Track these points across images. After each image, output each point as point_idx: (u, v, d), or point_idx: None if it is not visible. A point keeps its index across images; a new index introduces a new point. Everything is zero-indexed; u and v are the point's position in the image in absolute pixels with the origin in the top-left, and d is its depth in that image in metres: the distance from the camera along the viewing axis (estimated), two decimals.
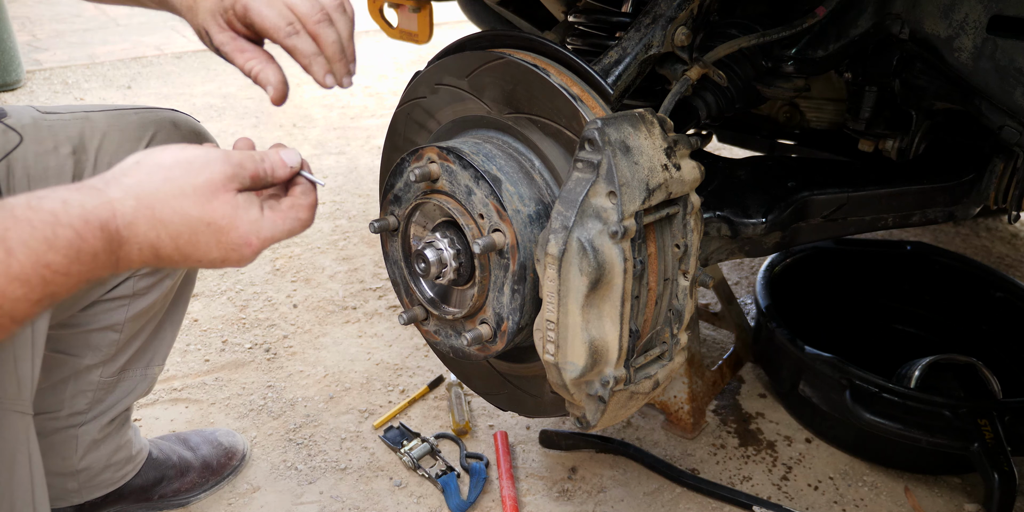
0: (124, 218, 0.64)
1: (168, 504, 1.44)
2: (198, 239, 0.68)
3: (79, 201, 0.62)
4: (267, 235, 0.72)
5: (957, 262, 1.90)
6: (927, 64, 1.19)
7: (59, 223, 0.59)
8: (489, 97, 0.98)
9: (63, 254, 0.58)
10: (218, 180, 0.69)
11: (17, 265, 0.55)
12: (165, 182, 0.67)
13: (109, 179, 0.67)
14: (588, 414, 0.91)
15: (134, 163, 0.69)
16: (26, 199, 0.59)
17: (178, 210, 0.67)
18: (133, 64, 4.33)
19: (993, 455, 1.34)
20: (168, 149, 0.71)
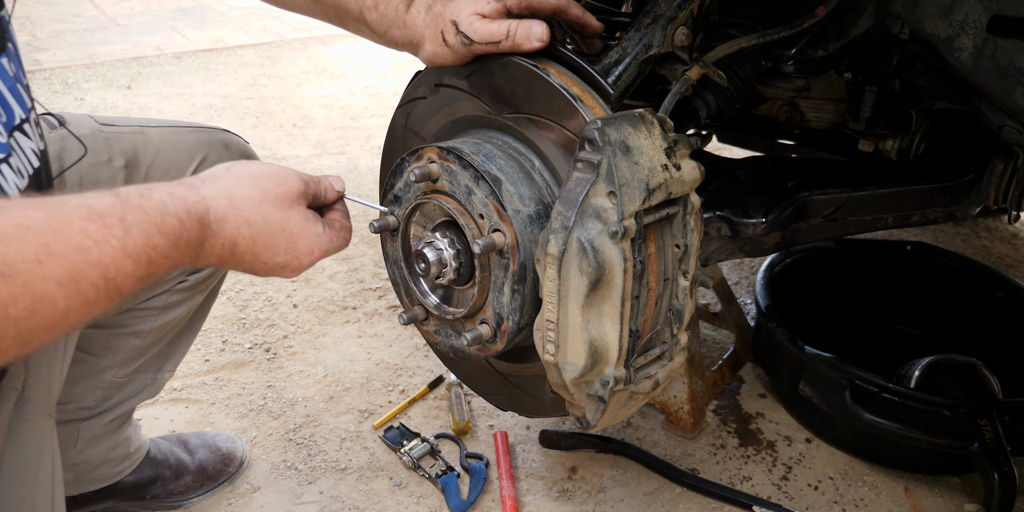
0: (216, 214, 0.72)
1: (160, 505, 1.44)
2: (272, 242, 0.77)
3: (181, 194, 0.70)
4: (324, 249, 0.82)
5: (957, 262, 1.90)
6: (927, 64, 1.19)
7: (167, 212, 0.66)
8: (489, 97, 0.98)
9: (167, 239, 0.66)
10: (295, 193, 0.79)
11: (132, 244, 0.62)
12: (253, 188, 0.76)
13: (204, 179, 0.75)
14: (588, 414, 0.91)
15: (224, 169, 0.78)
16: (137, 189, 0.66)
17: (262, 213, 0.75)
18: (133, 64, 4.33)
19: (993, 455, 1.34)
20: (253, 162, 0.81)
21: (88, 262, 0.59)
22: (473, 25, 0.90)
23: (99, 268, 0.60)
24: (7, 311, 0.54)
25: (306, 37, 4.95)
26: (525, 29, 0.90)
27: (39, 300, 0.55)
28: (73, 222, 0.59)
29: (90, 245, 0.59)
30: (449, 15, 0.91)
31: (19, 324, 0.55)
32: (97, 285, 0.60)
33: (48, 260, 0.56)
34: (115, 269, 0.61)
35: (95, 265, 0.59)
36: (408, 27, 0.95)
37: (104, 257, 0.60)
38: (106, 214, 0.61)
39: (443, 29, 0.92)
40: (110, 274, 0.60)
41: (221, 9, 5.67)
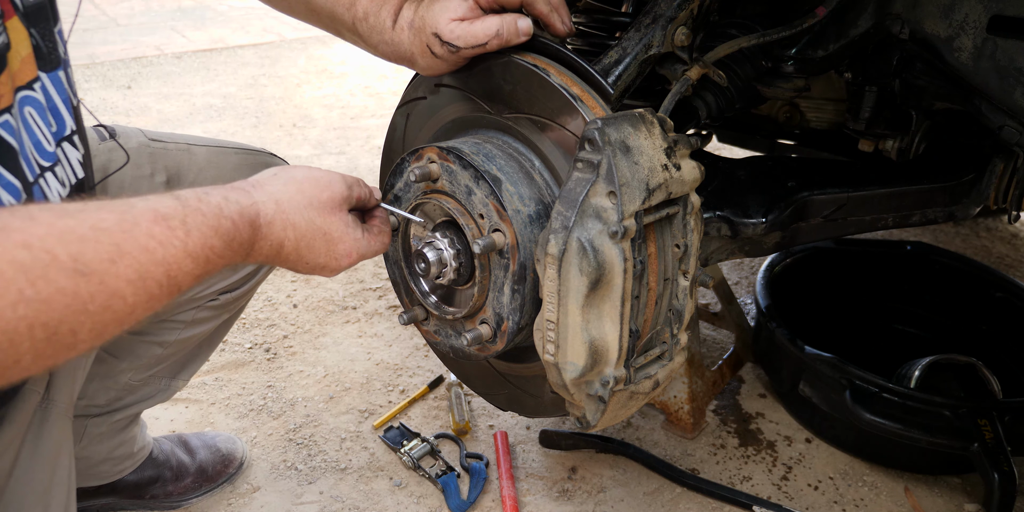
0: (266, 217, 0.78)
1: (159, 505, 1.45)
2: (314, 245, 0.82)
3: (236, 199, 0.75)
4: (362, 252, 0.87)
5: (957, 262, 1.90)
6: (927, 64, 1.19)
7: (222, 215, 0.71)
8: (489, 97, 0.98)
9: (223, 240, 0.71)
10: (338, 198, 0.84)
11: (192, 244, 0.67)
12: (298, 193, 0.81)
13: (255, 184, 0.80)
14: (588, 414, 0.91)
15: (272, 175, 0.83)
16: (195, 193, 0.71)
17: (306, 217, 0.80)
18: (133, 64, 4.33)
19: (993, 455, 1.34)
20: (299, 167, 0.85)
21: (154, 261, 0.63)
22: (455, 32, 0.90)
23: (163, 267, 0.64)
24: (86, 307, 0.58)
25: (306, 37, 4.95)
26: (512, 27, 0.90)
27: (112, 296, 0.60)
28: (141, 224, 0.64)
29: (155, 246, 0.64)
30: (429, 28, 0.91)
31: (95, 318, 0.59)
32: (161, 282, 0.64)
33: (120, 260, 0.61)
34: (177, 268, 0.66)
35: (160, 264, 0.64)
36: (395, 44, 0.95)
37: (168, 257, 0.65)
38: (170, 217, 0.66)
39: (428, 43, 0.92)
40: (172, 272, 0.65)
41: (221, 9, 5.67)
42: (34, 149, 0.82)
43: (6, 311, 0.54)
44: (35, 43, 0.83)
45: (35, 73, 0.83)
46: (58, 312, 0.57)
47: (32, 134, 0.82)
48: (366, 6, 0.96)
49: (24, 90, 0.81)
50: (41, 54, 0.85)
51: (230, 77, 4.17)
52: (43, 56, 0.85)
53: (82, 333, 0.59)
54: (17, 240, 0.55)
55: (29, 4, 0.82)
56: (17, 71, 0.79)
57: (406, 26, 0.94)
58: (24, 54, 0.80)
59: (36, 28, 0.84)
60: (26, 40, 0.81)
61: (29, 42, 0.82)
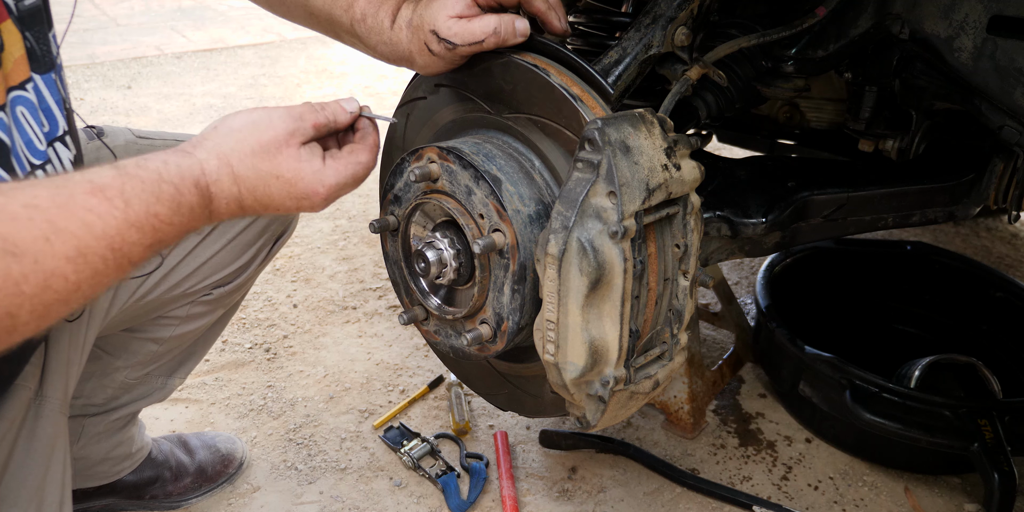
0: (211, 176, 0.74)
1: (159, 505, 1.45)
2: (271, 191, 0.78)
3: (176, 161, 0.72)
4: (332, 182, 0.80)
5: (957, 262, 1.90)
6: (927, 64, 1.19)
7: (162, 180, 0.69)
8: (489, 97, 0.98)
9: (167, 206, 0.68)
10: (281, 136, 0.78)
11: (133, 214, 0.65)
12: (238, 142, 0.77)
13: (196, 142, 0.77)
14: (588, 414, 0.91)
15: (212, 128, 0.79)
16: (134, 160, 0.69)
17: (251, 166, 0.76)
18: (133, 64, 4.33)
19: (993, 455, 1.34)
20: (240, 113, 0.80)
21: (94, 235, 0.61)
22: (452, 29, 0.89)
23: (105, 241, 0.62)
24: (20, 288, 0.56)
25: (306, 37, 4.95)
26: (509, 27, 0.90)
27: (50, 276, 0.58)
28: (76, 197, 0.61)
29: (94, 219, 0.61)
30: (427, 25, 0.91)
31: (33, 300, 0.57)
32: (105, 257, 0.62)
33: (55, 237, 0.58)
34: (120, 240, 0.63)
35: (101, 238, 0.62)
36: (394, 43, 0.95)
37: (109, 230, 0.62)
38: (107, 187, 0.64)
39: (426, 41, 0.91)
40: (116, 245, 0.63)
41: (221, 9, 5.67)
42: (25, 147, 0.83)
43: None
44: (29, 46, 0.84)
45: (28, 74, 0.84)
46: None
47: (24, 133, 0.83)
48: (364, 7, 0.96)
49: (16, 90, 0.82)
50: (35, 56, 0.85)
51: (230, 77, 4.17)
52: (37, 58, 0.86)
53: (21, 316, 0.57)
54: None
55: (24, 8, 0.83)
56: (10, 71, 0.80)
57: (404, 25, 0.94)
58: (17, 56, 0.81)
59: (31, 31, 0.85)
60: (19, 42, 0.82)
61: (23, 44, 0.82)
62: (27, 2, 0.84)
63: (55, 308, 0.60)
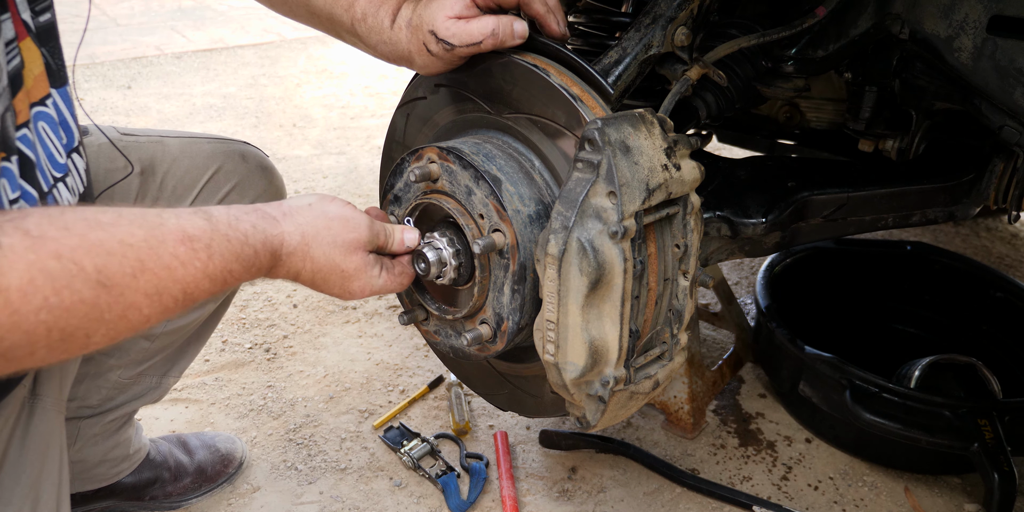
0: (288, 248, 0.82)
1: (159, 505, 1.44)
2: (328, 278, 0.87)
3: (263, 228, 0.80)
4: (376, 289, 0.91)
5: (957, 262, 1.90)
6: (927, 64, 1.19)
7: (247, 243, 0.76)
8: (489, 97, 0.98)
9: (242, 265, 0.76)
10: (361, 240, 0.88)
11: (212, 267, 0.72)
12: (326, 229, 0.85)
13: (286, 212, 0.84)
14: (588, 414, 0.91)
15: (307, 205, 0.87)
16: (227, 217, 0.76)
17: (327, 254, 0.85)
18: (133, 64, 4.33)
19: (993, 455, 1.34)
20: (335, 202, 0.89)
21: (173, 279, 0.68)
22: (450, 30, 0.90)
23: (181, 284, 0.69)
24: (103, 315, 0.63)
25: (306, 37, 4.95)
26: (508, 28, 0.90)
27: (129, 308, 0.65)
28: (167, 243, 0.68)
29: (177, 265, 0.68)
30: (426, 26, 0.91)
31: (110, 326, 0.64)
32: (177, 298, 0.69)
33: (141, 275, 0.65)
34: (194, 286, 0.70)
35: (178, 281, 0.69)
36: (393, 43, 0.96)
37: (187, 276, 0.69)
38: (196, 238, 0.71)
39: (424, 41, 0.92)
40: (189, 290, 0.70)
41: (221, 9, 5.67)
42: (48, 161, 0.86)
43: (29, 315, 0.58)
44: (46, 61, 0.87)
45: (47, 90, 0.88)
46: (76, 319, 0.61)
47: (46, 147, 0.86)
48: (364, 7, 0.96)
49: (38, 106, 0.85)
50: (51, 71, 0.89)
51: (230, 77, 4.17)
52: (53, 73, 0.89)
53: (96, 337, 0.63)
54: (51, 249, 0.59)
55: (40, 24, 0.86)
56: (31, 88, 0.83)
57: (404, 25, 0.94)
58: (37, 72, 0.85)
59: (47, 47, 0.88)
60: (39, 59, 0.85)
61: (41, 60, 0.86)
62: (42, 18, 0.87)
63: (124, 333, 0.66)
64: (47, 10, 0.89)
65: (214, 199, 1.22)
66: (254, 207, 0.82)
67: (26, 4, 0.83)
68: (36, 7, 0.86)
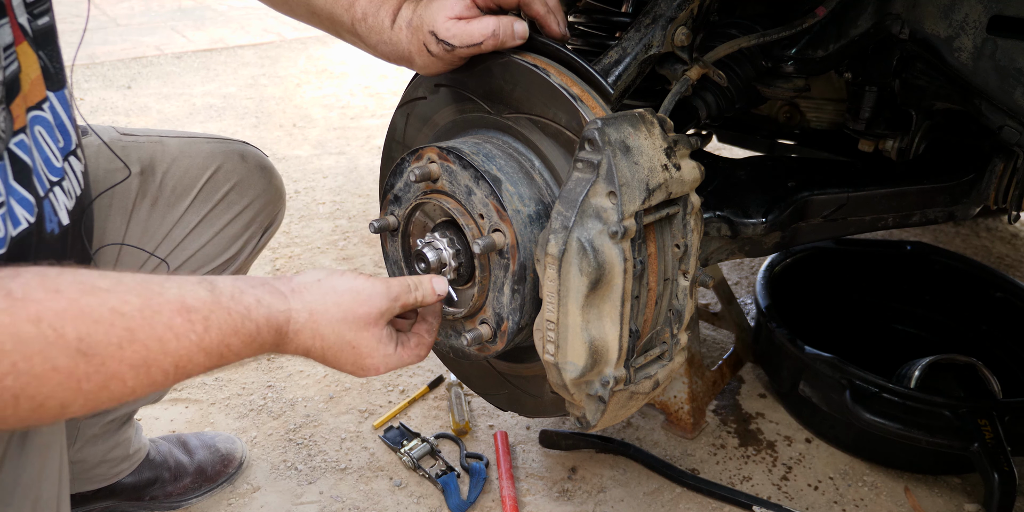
0: (295, 326, 0.78)
1: (159, 505, 1.44)
2: (340, 355, 0.83)
3: (268, 303, 0.76)
4: (391, 365, 0.87)
5: (957, 262, 1.90)
6: (927, 64, 1.19)
7: (248, 317, 0.72)
8: (489, 97, 0.98)
9: (241, 340, 0.72)
10: (375, 315, 0.83)
11: (208, 340, 0.68)
12: (335, 306, 0.81)
13: (294, 288, 0.80)
14: (588, 414, 0.91)
15: (316, 281, 0.82)
16: (231, 289, 0.73)
17: (336, 331, 0.81)
18: (133, 64, 4.33)
19: (993, 455, 1.34)
20: (345, 275, 0.85)
21: (164, 351, 0.65)
22: (451, 31, 0.90)
23: (172, 358, 0.65)
24: (80, 385, 0.59)
25: (306, 37, 4.95)
26: (508, 29, 0.90)
27: (111, 379, 0.61)
28: (163, 313, 0.65)
29: (170, 337, 0.65)
30: (427, 26, 0.91)
31: (88, 396, 0.60)
32: (167, 371, 0.66)
33: (128, 346, 0.62)
34: (187, 360, 0.67)
35: (170, 355, 0.65)
36: (394, 43, 0.95)
37: (180, 349, 0.66)
38: (194, 310, 0.67)
39: (424, 41, 0.92)
40: (181, 363, 0.66)
41: (221, 9, 5.67)
42: (44, 165, 0.85)
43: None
44: (43, 64, 0.86)
45: (44, 93, 0.86)
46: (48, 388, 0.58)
47: (42, 151, 0.85)
48: (365, 7, 0.96)
49: (34, 110, 0.84)
50: (49, 75, 0.87)
51: (230, 77, 4.17)
52: (51, 76, 0.88)
53: (72, 407, 0.60)
54: (31, 312, 0.57)
55: (38, 28, 0.86)
56: (28, 92, 0.82)
57: (404, 25, 0.94)
58: (33, 76, 0.84)
59: (44, 50, 0.87)
60: (35, 63, 0.84)
61: (38, 64, 0.85)
62: (40, 22, 0.87)
63: (105, 404, 0.63)
64: (45, 13, 0.89)
65: (213, 198, 1.22)
66: (263, 280, 0.79)
67: (23, 8, 0.83)
68: (34, 11, 0.86)
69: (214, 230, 1.22)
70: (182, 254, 1.19)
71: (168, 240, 1.19)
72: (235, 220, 1.24)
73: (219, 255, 1.24)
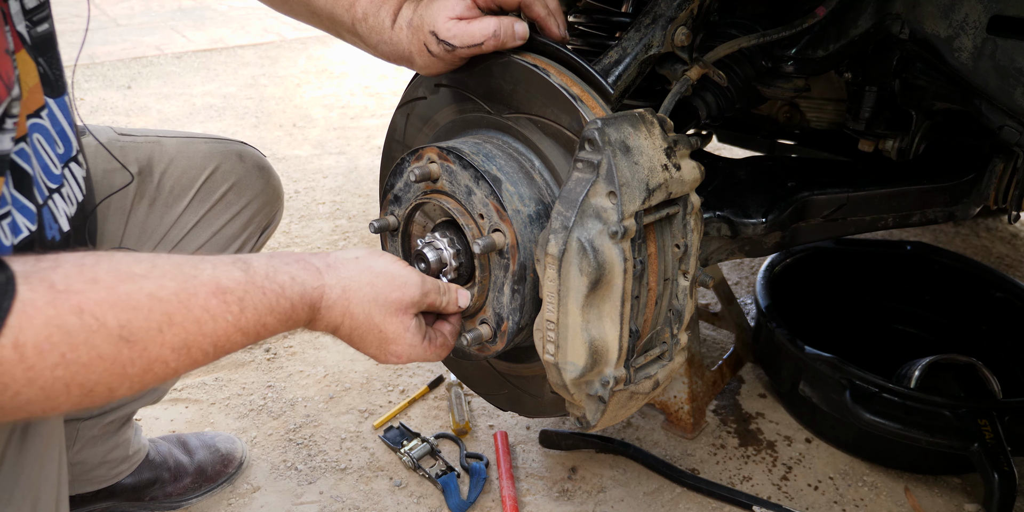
0: (327, 301, 0.79)
1: (159, 506, 1.44)
2: (366, 337, 0.83)
3: (303, 280, 0.77)
4: (414, 357, 0.88)
5: (957, 262, 1.90)
6: (927, 64, 1.19)
7: (283, 295, 0.74)
8: (489, 97, 0.98)
9: (277, 318, 0.73)
10: (406, 302, 0.84)
11: (245, 321, 0.70)
12: (369, 285, 0.81)
13: (330, 264, 0.81)
14: (588, 414, 0.91)
15: (353, 258, 0.83)
16: (265, 268, 0.74)
17: (366, 311, 0.81)
18: (133, 64, 4.33)
19: (993, 455, 1.34)
20: (384, 257, 0.86)
21: (202, 333, 0.66)
22: (451, 31, 0.90)
23: (211, 338, 0.67)
24: (125, 370, 0.62)
25: (306, 37, 4.95)
26: (509, 30, 0.90)
27: (154, 362, 0.64)
28: (199, 296, 0.66)
29: (207, 319, 0.67)
30: (427, 26, 0.91)
31: (133, 379, 0.63)
32: (207, 351, 0.68)
33: (168, 330, 0.64)
34: (225, 339, 0.69)
35: (208, 335, 0.67)
36: (394, 43, 0.95)
37: (218, 330, 0.68)
38: (229, 291, 0.69)
39: (425, 41, 0.92)
40: (220, 343, 0.68)
41: (221, 9, 5.67)
42: (43, 173, 0.85)
43: (46, 371, 0.57)
44: (42, 72, 0.86)
45: (42, 101, 0.86)
46: (96, 374, 0.60)
47: (40, 159, 0.85)
48: (365, 7, 0.96)
49: (32, 118, 0.84)
50: (48, 81, 0.87)
51: (230, 77, 4.17)
52: (50, 83, 0.88)
53: (120, 390, 0.63)
54: (73, 304, 0.58)
55: (37, 35, 0.86)
56: (27, 100, 0.82)
57: (405, 25, 0.94)
58: (32, 84, 0.84)
59: (44, 57, 0.87)
60: (34, 70, 0.84)
61: (36, 72, 0.85)
62: (40, 29, 0.87)
63: (150, 385, 0.65)
64: (45, 20, 0.89)
65: (211, 199, 1.22)
66: (297, 257, 0.79)
67: (22, 16, 0.83)
68: (33, 18, 0.86)
69: (212, 230, 1.22)
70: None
71: (166, 241, 1.19)
72: (233, 220, 1.24)
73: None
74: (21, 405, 0.58)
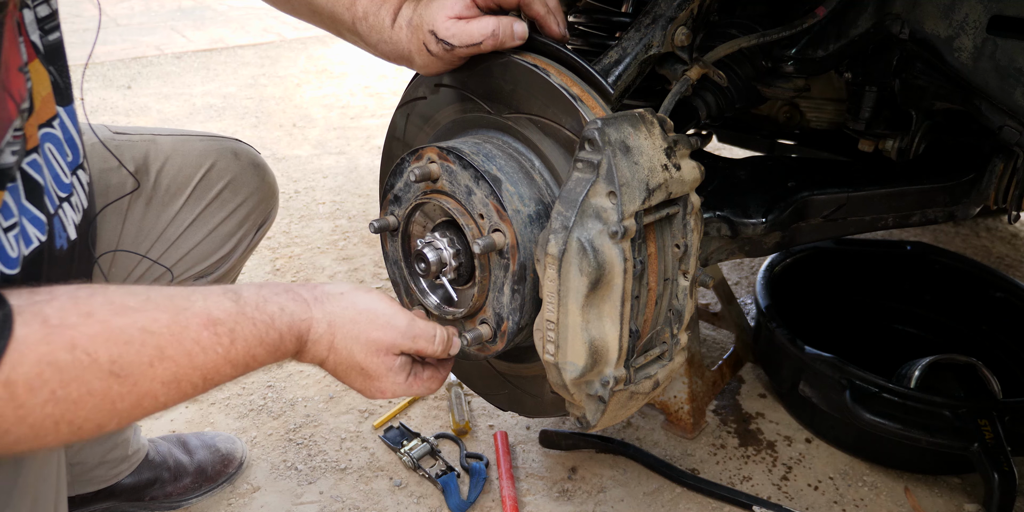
0: (314, 334, 0.80)
1: (159, 506, 1.44)
2: (350, 373, 0.85)
3: (291, 311, 0.77)
4: (400, 393, 0.88)
5: (957, 262, 1.90)
6: (927, 64, 1.19)
7: (272, 326, 0.74)
8: (489, 97, 0.98)
9: (266, 350, 0.74)
10: (387, 343, 0.84)
11: (234, 353, 0.70)
12: (351, 323, 0.82)
13: (318, 297, 0.82)
14: (588, 414, 0.91)
15: (338, 293, 0.84)
16: (255, 299, 0.74)
17: (348, 348, 0.82)
18: (133, 64, 4.33)
19: (993, 455, 1.34)
20: (370, 294, 0.86)
21: (192, 365, 0.66)
22: (450, 30, 0.90)
23: (201, 371, 0.67)
24: (115, 406, 0.61)
25: (306, 37, 4.95)
26: (508, 29, 0.90)
27: (144, 397, 0.63)
28: (190, 329, 0.66)
29: (198, 351, 0.67)
30: (426, 25, 0.91)
31: (123, 414, 0.63)
32: (196, 384, 0.68)
33: (159, 363, 0.64)
34: (215, 372, 0.69)
35: (198, 368, 0.67)
36: (394, 42, 0.96)
37: (208, 362, 0.68)
38: (220, 323, 0.69)
39: (424, 40, 0.92)
40: (209, 376, 0.68)
41: (221, 9, 5.67)
42: (53, 182, 0.85)
43: (36, 409, 0.57)
44: (53, 80, 0.86)
45: (54, 110, 0.87)
46: (85, 411, 0.59)
47: (51, 168, 0.85)
48: (366, 6, 0.96)
49: (45, 127, 0.84)
50: (59, 90, 0.88)
51: (230, 77, 4.17)
52: (60, 91, 0.88)
53: (109, 426, 0.62)
54: (66, 339, 0.58)
55: (48, 44, 0.86)
56: (40, 110, 0.82)
57: (404, 24, 0.94)
58: (44, 94, 0.84)
59: (54, 66, 0.87)
60: (46, 79, 0.84)
61: (48, 81, 0.85)
62: (51, 38, 0.87)
63: (138, 418, 0.65)
64: (56, 28, 0.89)
65: (207, 197, 1.21)
66: (287, 287, 0.80)
67: (35, 25, 0.83)
68: (45, 26, 0.86)
69: (208, 228, 1.22)
70: (176, 253, 1.19)
71: (162, 239, 1.18)
72: (229, 218, 1.24)
73: (213, 253, 1.23)
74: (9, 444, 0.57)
